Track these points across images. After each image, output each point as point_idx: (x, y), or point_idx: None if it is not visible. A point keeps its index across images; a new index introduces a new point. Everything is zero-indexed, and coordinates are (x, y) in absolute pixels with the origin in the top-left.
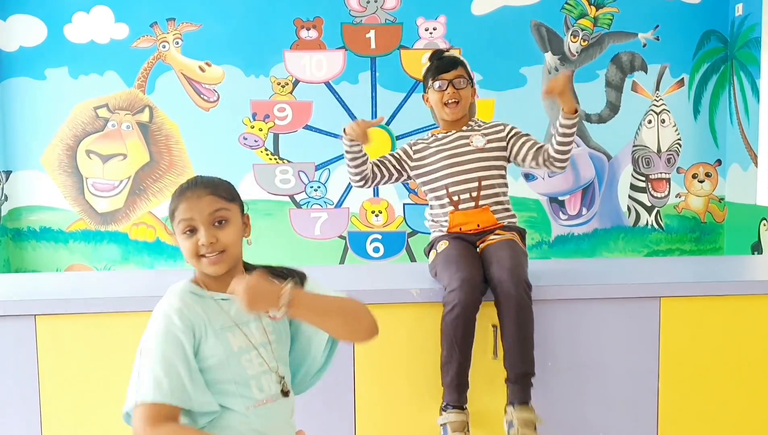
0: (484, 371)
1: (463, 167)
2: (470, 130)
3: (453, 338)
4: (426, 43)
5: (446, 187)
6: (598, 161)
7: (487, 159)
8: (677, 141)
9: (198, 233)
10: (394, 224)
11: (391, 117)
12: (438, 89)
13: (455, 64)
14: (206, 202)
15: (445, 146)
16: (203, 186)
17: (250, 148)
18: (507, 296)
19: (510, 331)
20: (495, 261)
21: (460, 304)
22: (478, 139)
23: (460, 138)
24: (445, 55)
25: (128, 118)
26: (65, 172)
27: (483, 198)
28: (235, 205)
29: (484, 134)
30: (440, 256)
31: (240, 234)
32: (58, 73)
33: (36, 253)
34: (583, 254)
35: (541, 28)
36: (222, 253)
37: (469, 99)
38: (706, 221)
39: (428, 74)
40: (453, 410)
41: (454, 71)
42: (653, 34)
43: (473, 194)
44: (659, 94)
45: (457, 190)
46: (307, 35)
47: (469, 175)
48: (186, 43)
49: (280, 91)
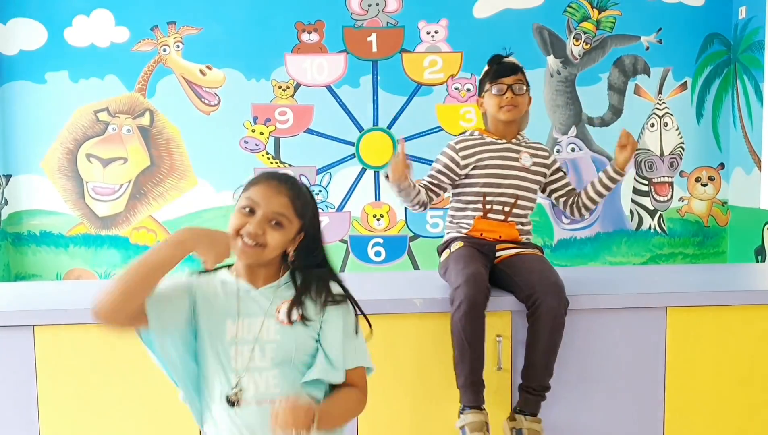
0: (487, 383)
1: (505, 181)
2: (519, 144)
3: (462, 336)
4: (427, 46)
5: (483, 196)
6: (601, 165)
7: (528, 180)
8: (680, 144)
9: (253, 218)
10: (396, 228)
11: (393, 120)
12: (497, 93)
13: (515, 70)
14: (279, 202)
15: (493, 154)
16: (286, 184)
17: (251, 151)
18: (547, 309)
19: (541, 345)
20: (533, 272)
21: (466, 300)
22: (526, 159)
23: (510, 150)
24: (505, 60)
25: (129, 122)
26: (65, 176)
27: (513, 215)
28: (299, 221)
29: (531, 154)
30: (453, 254)
31: (286, 243)
32: (59, 76)
33: (36, 258)
34: (585, 258)
35: (543, 31)
36: (258, 247)
37: (525, 105)
38: (709, 225)
39: (486, 78)
40: (471, 411)
41: (513, 76)
42: (656, 37)
43: (506, 209)
44: (662, 98)
45: (492, 201)
46: (308, 39)
47: (508, 190)
48: (187, 47)
49: (281, 95)
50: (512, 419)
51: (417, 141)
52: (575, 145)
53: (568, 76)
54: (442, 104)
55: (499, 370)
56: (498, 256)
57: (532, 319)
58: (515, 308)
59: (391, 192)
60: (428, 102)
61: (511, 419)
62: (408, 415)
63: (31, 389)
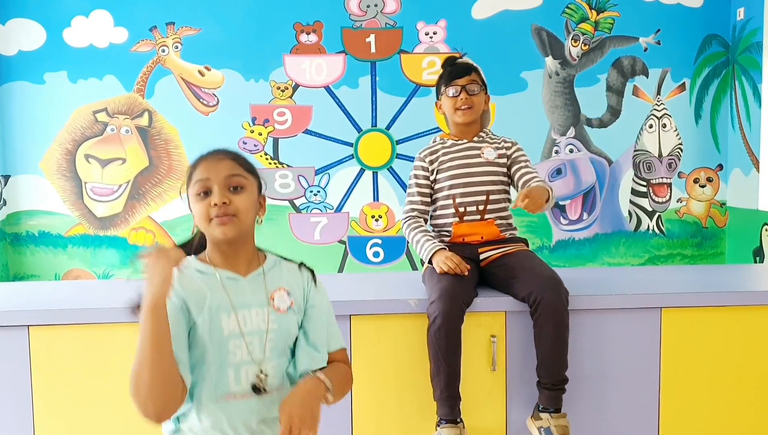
0: (481, 384)
1: (472, 179)
2: (481, 141)
3: (437, 351)
4: (426, 47)
5: (453, 198)
6: (599, 166)
7: (495, 173)
8: (678, 145)
9: (211, 195)
10: (394, 229)
11: (391, 121)
12: (451, 95)
13: (468, 70)
14: (225, 165)
15: (455, 155)
16: (224, 152)
17: (250, 152)
18: (549, 303)
19: (549, 340)
20: (526, 271)
21: (441, 315)
22: (489, 152)
23: (471, 148)
24: (458, 61)
25: (127, 123)
26: (64, 177)
27: (489, 212)
28: (253, 178)
29: (495, 147)
30: (431, 266)
31: (254, 205)
32: (57, 77)
33: (35, 258)
34: (584, 259)
35: (541, 32)
36: (233, 217)
37: (482, 105)
38: (707, 226)
39: (441, 81)
40: (446, 425)
41: (467, 77)
42: (654, 39)
43: (480, 207)
44: (660, 99)
45: (464, 202)
46: (306, 39)
47: (477, 188)
48: (185, 48)
49: (279, 96)
50: (537, 418)
51: (416, 141)
52: (574, 146)
53: (566, 77)
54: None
55: (494, 371)
56: (483, 259)
57: (536, 317)
58: (509, 308)
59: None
60: (427, 103)
61: (536, 418)
62: (401, 414)
63: (25, 389)
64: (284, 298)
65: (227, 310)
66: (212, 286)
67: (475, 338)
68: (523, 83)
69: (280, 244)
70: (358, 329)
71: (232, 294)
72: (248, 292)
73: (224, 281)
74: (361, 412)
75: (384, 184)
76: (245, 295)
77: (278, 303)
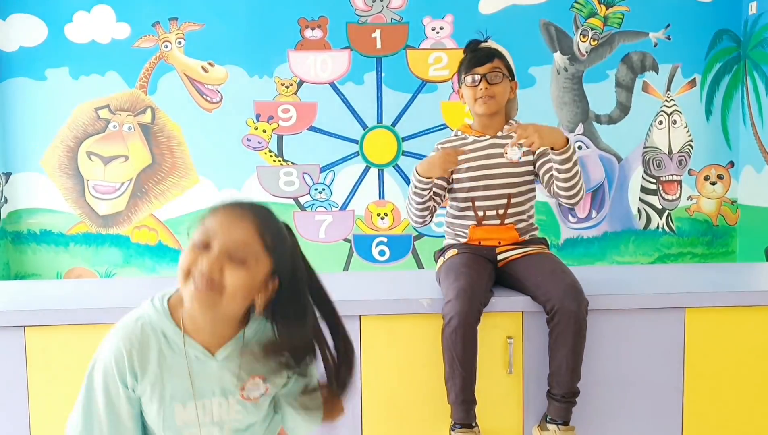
0: (497, 387)
1: (493, 181)
2: (506, 137)
3: (453, 353)
4: (432, 42)
5: (472, 201)
6: (608, 163)
7: (520, 174)
8: (689, 142)
9: (207, 253)
10: (400, 227)
11: (397, 118)
12: (471, 84)
13: (490, 56)
14: (242, 227)
15: (476, 153)
16: (254, 211)
17: (254, 149)
18: (568, 313)
19: (565, 349)
20: (546, 276)
21: (457, 316)
22: (513, 152)
23: (494, 146)
24: (480, 47)
25: (130, 120)
26: (66, 174)
27: (510, 216)
28: (269, 258)
29: (521, 144)
30: (446, 263)
31: (250, 291)
32: (59, 73)
33: (36, 257)
34: (592, 258)
35: (550, 27)
36: (213, 291)
37: (505, 95)
38: (718, 224)
39: (461, 67)
40: (461, 429)
41: (488, 64)
42: (664, 34)
43: (500, 212)
44: (670, 95)
45: (483, 206)
46: (311, 35)
47: (498, 191)
48: (189, 43)
49: (284, 92)
50: (544, 428)
51: (422, 138)
52: (582, 142)
53: (575, 73)
54: (447, 101)
55: (510, 373)
56: (501, 260)
57: (552, 324)
58: (527, 309)
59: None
60: (433, 99)
61: (542, 428)
62: (413, 418)
63: (21, 390)
64: (258, 386)
65: (185, 400)
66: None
67: (491, 339)
68: (531, 79)
69: None
70: (368, 330)
71: (196, 378)
72: (215, 377)
73: (192, 362)
74: (372, 416)
75: (390, 182)
76: (211, 380)
77: (249, 392)
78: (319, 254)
